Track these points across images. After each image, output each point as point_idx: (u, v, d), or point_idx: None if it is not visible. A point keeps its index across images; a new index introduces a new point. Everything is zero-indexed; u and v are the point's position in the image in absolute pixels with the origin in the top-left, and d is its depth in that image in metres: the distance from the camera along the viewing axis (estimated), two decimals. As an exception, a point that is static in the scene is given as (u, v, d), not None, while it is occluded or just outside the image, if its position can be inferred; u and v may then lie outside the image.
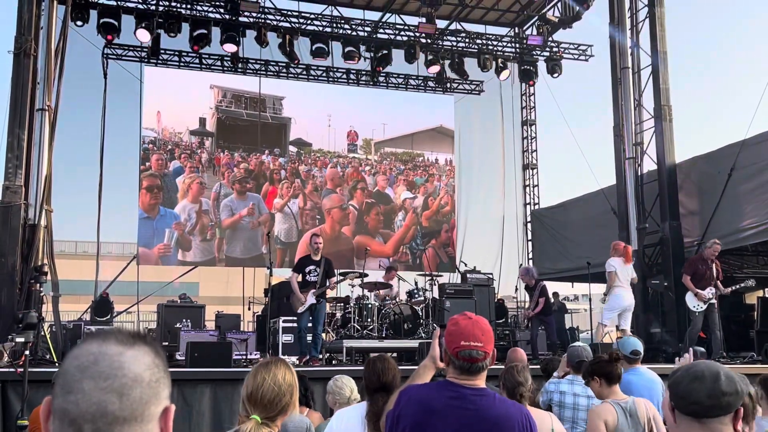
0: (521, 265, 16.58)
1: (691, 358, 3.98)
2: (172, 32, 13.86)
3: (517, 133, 18.43)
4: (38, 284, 9.64)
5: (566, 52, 16.44)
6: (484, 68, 15.67)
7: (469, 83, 17.56)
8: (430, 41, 15.71)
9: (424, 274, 12.87)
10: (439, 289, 12.15)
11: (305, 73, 16.53)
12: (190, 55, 15.40)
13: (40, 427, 1.14)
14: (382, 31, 15.77)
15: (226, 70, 16.00)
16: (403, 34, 15.76)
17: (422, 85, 17.50)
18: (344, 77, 16.86)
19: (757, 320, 11.99)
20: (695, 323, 10.22)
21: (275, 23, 14.75)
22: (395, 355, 11.12)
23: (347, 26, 15.46)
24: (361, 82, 17.03)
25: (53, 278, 10.04)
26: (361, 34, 15.58)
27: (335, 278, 10.19)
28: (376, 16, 15.81)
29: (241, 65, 15.85)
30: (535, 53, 16.34)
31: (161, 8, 13.96)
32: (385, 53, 15.36)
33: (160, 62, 15.44)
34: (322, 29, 15.19)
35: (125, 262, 14.96)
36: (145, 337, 1.18)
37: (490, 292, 12.69)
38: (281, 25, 14.81)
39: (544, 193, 18.60)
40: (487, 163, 18.23)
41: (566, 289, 17.21)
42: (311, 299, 9.68)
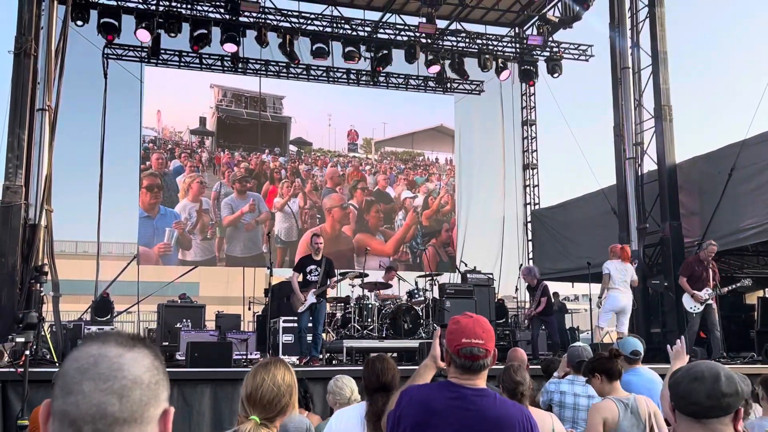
0: (522, 265, 16.57)
1: (682, 346, 3.95)
2: (172, 32, 13.86)
3: (517, 133, 18.42)
4: (38, 284, 9.64)
5: (566, 52, 16.44)
6: (484, 68, 15.67)
7: (469, 83, 17.55)
8: (430, 41, 15.71)
9: (424, 274, 12.86)
10: (439, 289, 12.16)
11: (305, 73, 16.53)
12: (190, 55, 15.40)
13: (39, 427, 1.15)
14: (382, 31, 15.77)
15: (226, 70, 16.01)
16: (403, 34, 15.76)
17: (422, 85, 17.50)
18: (344, 77, 16.86)
19: (757, 320, 12.00)
20: (692, 324, 10.22)
21: (275, 23, 14.75)
22: (395, 355, 11.15)
23: (347, 26, 15.46)
24: (361, 82, 17.02)
25: (53, 278, 10.05)
26: (361, 34, 15.58)
27: (335, 278, 10.20)
28: (376, 16, 15.81)
29: (241, 65, 15.85)
30: (535, 53, 16.34)
31: (161, 8, 13.97)
32: (385, 53, 15.36)
33: (160, 62, 15.44)
34: (322, 29, 15.19)
35: (125, 262, 14.96)
36: (144, 339, 1.18)
37: (490, 292, 12.70)
38: (281, 25, 14.81)
39: (544, 193, 18.62)
40: (487, 163, 18.23)
41: (566, 289, 17.21)
42: (311, 298, 9.69)
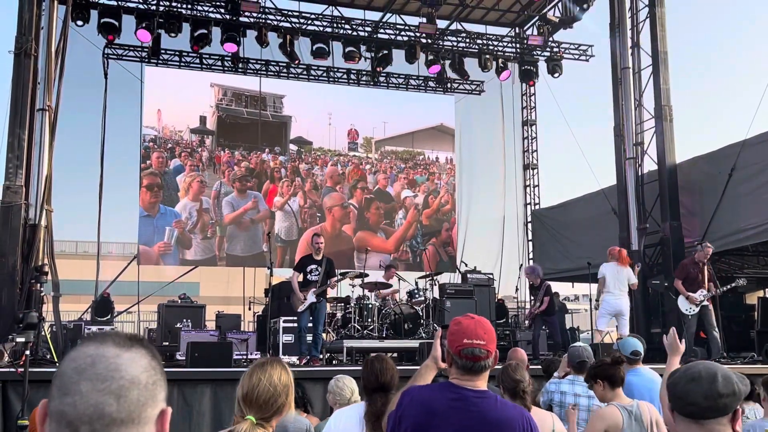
0: (522, 265, 16.56)
1: (675, 336, 3.92)
2: (172, 32, 13.86)
3: (517, 133, 18.42)
4: (39, 284, 9.64)
5: (567, 52, 16.43)
6: (484, 68, 15.67)
7: (469, 83, 17.55)
8: (430, 41, 15.71)
9: (424, 274, 12.86)
10: (439, 289, 12.16)
11: (306, 73, 16.53)
12: (190, 55, 15.40)
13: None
14: (382, 31, 15.77)
15: (226, 70, 16.01)
16: (403, 34, 15.76)
17: (423, 85, 17.49)
18: (345, 77, 16.85)
19: (757, 320, 12.00)
20: (689, 326, 10.23)
21: (276, 23, 14.75)
22: (395, 355, 11.15)
23: (348, 26, 15.46)
24: (361, 82, 17.02)
25: (54, 278, 10.04)
26: (361, 34, 15.58)
27: (335, 278, 10.20)
28: (376, 16, 15.81)
29: (241, 65, 15.85)
30: (535, 53, 16.34)
31: (162, 8, 13.97)
32: (385, 53, 15.35)
33: (160, 62, 15.45)
34: (322, 29, 15.19)
35: (126, 262, 14.96)
36: (141, 339, 1.18)
37: (490, 292, 12.70)
38: (282, 25, 14.81)
39: (544, 193, 18.60)
40: (487, 163, 18.22)
41: (567, 289, 17.20)
42: (311, 298, 9.69)
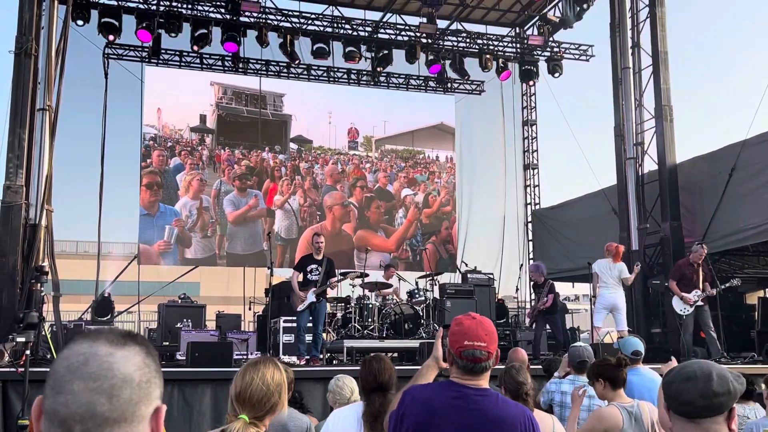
0: (522, 265, 16.57)
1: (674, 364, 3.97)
2: (172, 32, 13.85)
3: (517, 133, 18.41)
4: (39, 284, 9.63)
5: (567, 52, 16.43)
6: (484, 68, 15.67)
7: (469, 83, 17.55)
8: (430, 41, 15.71)
9: (425, 274, 12.86)
10: (439, 289, 12.15)
11: (306, 73, 16.53)
12: (190, 54, 15.41)
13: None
14: (382, 31, 15.77)
15: (226, 70, 16.02)
16: (404, 34, 15.75)
17: (423, 85, 17.49)
18: (345, 77, 16.85)
19: (757, 320, 12.01)
20: (686, 326, 10.26)
21: (276, 23, 14.75)
22: (395, 355, 11.15)
23: (348, 26, 15.45)
24: (361, 82, 17.02)
25: (54, 278, 10.04)
26: (361, 34, 15.57)
27: (336, 278, 10.20)
28: (376, 16, 15.81)
29: (242, 65, 15.86)
30: (535, 53, 16.33)
31: (162, 8, 13.97)
32: (385, 53, 15.35)
33: (161, 62, 15.45)
34: (322, 29, 15.19)
35: (126, 262, 14.96)
36: (136, 336, 1.17)
37: (490, 292, 12.70)
38: (282, 25, 14.80)
39: (544, 193, 18.64)
40: (487, 163, 18.23)
41: (567, 289, 17.21)
42: (311, 297, 9.69)
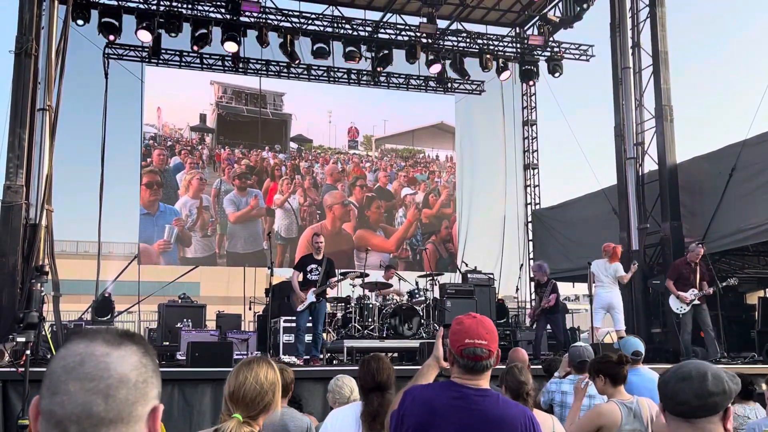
0: (522, 265, 16.58)
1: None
2: (173, 32, 13.85)
3: (518, 132, 18.41)
4: (39, 284, 9.63)
5: (567, 52, 16.43)
6: (485, 68, 15.66)
7: (470, 83, 17.55)
8: (430, 41, 15.70)
9: (425, 274, 12.87)
10: (440, 289, 12.15)
11: (306, 73, 16.53)
12: (191, 54, 15.41)
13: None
14: (383, 31, 15.76)
15: (227, 70, 16.02)
16: (404, 34, 15.75)
17: (423, 85, 17.49)
18: (345, 77, 16.85)
19: (758, 320, 12.00)
20: (685, 325, 10.28)
21: (276, 23, 14.75)
22: (396, 355, 11.15)
23: (348, 26, 15.45)
24: (362, 82, 17.02)
25: (54, 278, 10.04)
26: (362, 34, 15.57)
27: (335, 278, 10.19)
28: (377, 16, 15.81)
29: (242, 65, 15.86)
30: (536, 53, 16.33)
31: (162, 8, 13.97)
32: (386, 53, 15.35)
33: (161, 62, 15.45)
34: (323, 29, 15.19)
35: (126, 261, 14.96)
36: (133, 336, 1.17)
37: (491, 292, 12.70)
38: (282, 24, 14.80)
39: (544, 193, 18.58)
40: (488, 162, 18.22)
41: (567, 289, 17.20)
42: (311, 297, 9.69)
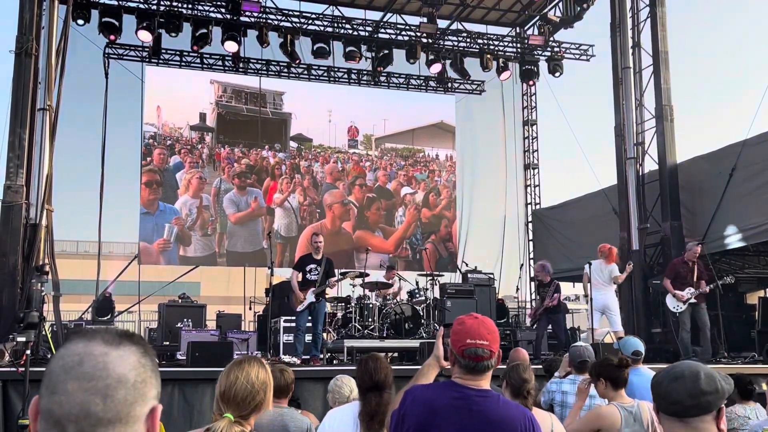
0: (522, 265, 16.56)
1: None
2: (173, 32, 13.86)
3: (518, 132, 18.42)
4: (39, 284, 9.63)
5: (567, 51, 16.43)
6: (485, 68, 15.67)
7: (470, 83, 17.55)
8: (431, 41, 15.71)
9: (425, 273, 12.87)
10: (440, 288, 12.15)
11: (306, 72, 16.54)
12: (191, 54, 15.41)
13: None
14: (383, 30, 15.77)
15: (227, 69, 16.02)
16: (404, 34, 15.76)
17: (423, 84, 17.49)
18: (345, 77, 16.85)
19: (758, 320, 11.99)
20: (683, 324, 10.28)
21: (276, 23, 14.75)
22: (396, 354, 11.15)
23: (348, 26, 15.46)
24: (362, 82, 17.02)
25: (54, 278, 10.04)
26: (362, 33, 15.58)
27: (335, 278, 10.19)
28: (377, 15, 15.81)
29: (242, 65, 15.86)
30: (536, 53, 16.33)
31: (162, 8, 13.97)
32: (386, 53, 15.36)
33: (161, 62, 15.45)
34: (323, 29, 15.19)
35: (126, 261, 14.96)
36: (132, 336, 1.17)
37: (491, 292, 12.70)
38: (282, 24, 14.81)
39: (545, 192, 18.58)
40: (488, 162, 18.23)
41: (567, 289, 17.17)
42: (310, 297, 9.68)
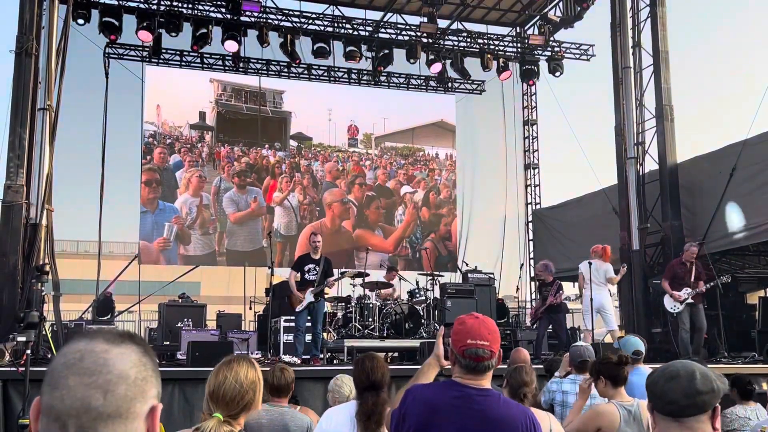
0: (522, 265, 16.55)
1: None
2: (173, 32, 13.86)
3: (518, 132, 18.41)
4: (39, 283, 9.63)
5: (568, 51, 16.43)
6: (485, 68, 15.67)
7: (470, 83, 17.55)
8: (431, 41, 15.71)
9: (425, 273, 12.86)
10: (440, 288, 12.15)
11: (306, 72, 16.53)
12: (191, 54, 15.40)
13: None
14: (383, 30, 15.76)
15: (227, 69, 16.02)
16: (404, 33, 15.75)
17: (424, 84, 17.50)
18: (345, 77, 16.85)
19: (758, 320, 11.99)
20: (682, 324, 10.30)
21: (276, 23, 14.75)
22: (396, 354, 11.15)
23: (348, 26, 15.46)
24: (362, 81, 17.02)
25: (54, 278, 10.03)
26: (362, 33, 15.58)
27: (333, 278, 10.18)
28: (377, 15, 15.81)
29: (242, 65, 15.85)
30: (536, 53, 16.33)
31: (162, 8, 13.97)
32: (386, 53, 15.36)
33: (161, 62, 15.45)
34: (323, 29, 15.19)
35: (126, 261, 14.96)
36: (133, 336, 1.19)
37: (491, 291, 12.69)
38: (282, 24, 14.80)
39: (545, 192, 18.58)
40: (488, 162, 18.23)
41: (568, 289, 17.15)
42: (309, 297, 9.68)
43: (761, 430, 4.69)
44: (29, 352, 7.36)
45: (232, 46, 14.29)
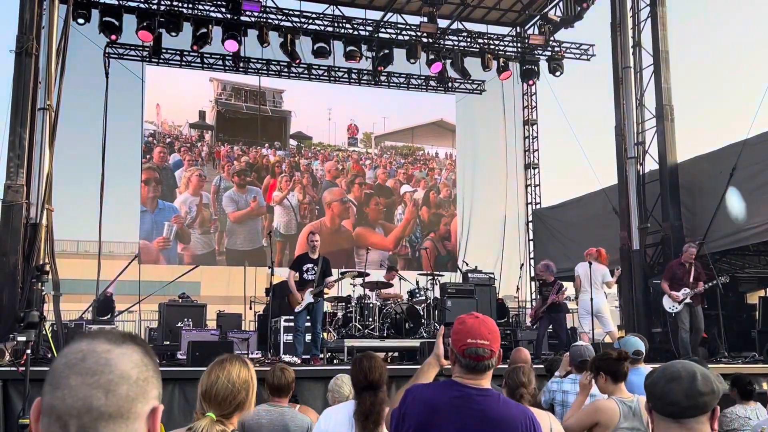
0: (522, 265, 16.54)
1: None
2: (173, 31, 13.86)
3: (518, 132, 18.42)
4: (39, 283, 9.63)
5: (568, 51, 16.43)
6: (485, 68, 15.67)
7: (470, 82, 17.55)
8: (431, 41, 15.71)
9: (425, 273, 12.87)
10: (440, 288, 12.15)
11: (306, 72, 16.54)
12: (191, 54, 15.40)
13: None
14: (383, 30, 15.77)
15: (227, 69, 16.02)
16: (404, 33, 15.76)
17: (424, 84, 17.50)
18: (346, 77, 16.85)
19: (758, 320, 11.99)
20: (681, 324, 10.30)
21: (277, 22, 14.76)
22: (396, 354, 11.15)
23: (349, 26, 15.46)
24: (362, 81, 17.02)
25: (54, 277, 10.03)
26: (362, 33, 15.58)
27: (332, 278, 10.18)
28: (377, 15, 15.81)
29: (242, 64, 15.85)
30: (536, 53, 16.34)
31: (162, 8, 13.97)
32: (386, 53, 15.36)
33: (161, 62, 15.45)
34: (323, 29, 15.19)
35: (126, 261, 14.96)
36: (135, 337, 1.19)
37: (491, 291, 12.69)
38: (283, 24, 14.81)
39: (545, 192, 18.58)
40: (488, 162, 18.23)
41: (568, 289, 17.19)
42: (308, 298, 9.67)
43: (761, 430, 4.69)
44: (29, 351, 7.35)
45: (232, 45, 14.29)
